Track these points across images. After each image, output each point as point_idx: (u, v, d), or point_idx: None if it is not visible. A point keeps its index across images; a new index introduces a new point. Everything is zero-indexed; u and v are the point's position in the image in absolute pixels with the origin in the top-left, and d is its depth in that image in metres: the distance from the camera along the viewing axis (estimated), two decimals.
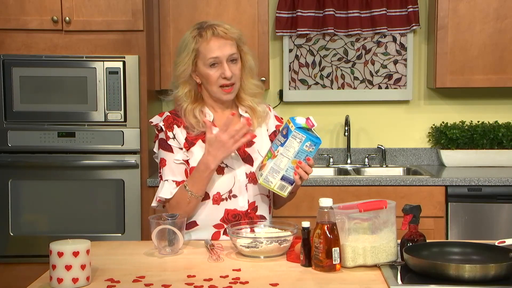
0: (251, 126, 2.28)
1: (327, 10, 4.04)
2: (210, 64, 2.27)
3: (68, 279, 1.78)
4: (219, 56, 2.27)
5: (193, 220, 2.34)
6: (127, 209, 3.63)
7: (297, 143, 2.13)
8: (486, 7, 3.87)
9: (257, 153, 2.36)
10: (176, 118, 2.35)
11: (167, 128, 2.33)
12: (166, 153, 2.33)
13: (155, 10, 3.86)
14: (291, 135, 2.12)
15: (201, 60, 2.28)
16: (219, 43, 2.27)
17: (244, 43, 2.35)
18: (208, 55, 2.27)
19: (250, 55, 2.36)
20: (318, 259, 1.93)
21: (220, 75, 2.28)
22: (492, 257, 1.89)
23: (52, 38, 3.63)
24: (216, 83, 2.29)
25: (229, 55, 2.28)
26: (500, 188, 3.61)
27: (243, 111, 2.38)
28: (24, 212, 3.64)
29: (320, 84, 4.21)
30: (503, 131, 4.01)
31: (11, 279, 3.63)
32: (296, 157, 2.14)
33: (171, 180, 2.31)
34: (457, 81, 3.91)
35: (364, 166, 4.18)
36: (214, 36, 2.27)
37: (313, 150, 2.15)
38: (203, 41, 2.27)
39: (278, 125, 2.46)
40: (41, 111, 3.60)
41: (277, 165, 2.15)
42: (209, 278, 1.87)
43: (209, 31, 2.28)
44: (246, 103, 2.38)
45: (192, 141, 2.32)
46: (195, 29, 2.33)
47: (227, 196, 2.31)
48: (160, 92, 3.99)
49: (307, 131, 2.13)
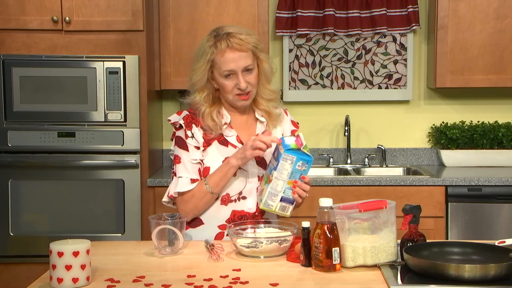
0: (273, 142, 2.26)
1: (327, 10, 4.04)
2: (225, 76, 2.27)
3: (68, 279, 1.78)
4: (234, 69, 2.26)
5: (198, 218, 2.35)
6: (127, 209, 3.63)
7: (289, 165, 2.15)
8: (486, 7, 3.87)
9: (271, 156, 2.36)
10: (194, 117, 2.36)
11: (186, 127, 2.34)
12: (181, 151, 2.34)
13: (155, 10, 3.86)
14: (282, 158, 2.14)
15: (217, 70, 2.28)
16: (234, 56, 2.25)
17: (261, 51, 2.33)
18: (223, 67, 2.26)
19: (266, 62, 2.34)
20: (318, 259, 1.93)
21: (235, 85, 2.28)
22: (492, 257, 1.89)
23: (52, 38, 3.63)
24: (231, 92, 2.30)
25: (244, 67, 2.27)
26: (500, 188, 3.61)
27: (259, 114, 2.39)
28: (24, 212, 3.64)
29: (320, 84, 4.21)
30: (503, 131, 4.01)
31: (11, 279, 3.63)
32: (291, 177, 2.17)
33: (185, 177, 2.31)
34: (457, 81, 3.91)
35: (364, 166, 4.18)
36: (229, 48, 2.25)
37: (306, 168, 2.18)
38: (218, 52, 2.26)
39: (293, 130, 2.46)
40: (41, 111, 3.60)
41: (274, 188, 2.17)
42: (209, 278, 1.87)
43: (223, 42, 2.25)
44: (262, 107, 2.38)
45: (208, 141, 2.33)
46: (211, 36, 2.31)
47: (236, 197, 2.33)
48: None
49: (297, 151, 2.15)
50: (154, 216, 2.19)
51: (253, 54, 2.29)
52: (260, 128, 2.39)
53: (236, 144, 2.34)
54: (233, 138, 2.35)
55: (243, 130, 2.38)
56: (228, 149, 2.33)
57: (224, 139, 2.34)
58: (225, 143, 2.34)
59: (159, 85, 3.90)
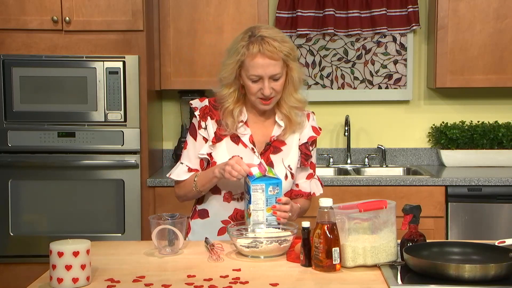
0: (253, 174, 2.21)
1: (327, 10, 4.04)
2: (251, 80, 2.26)
3: (68, 279, 1.78)
4: (261, 75, 2.23)
5: (205, 209, 2.39)
6: (127, 209, 3.63)
7: (261, 194, 2.17)
8: (486, 7, 3.87)
9: (281, 162, 2.35)
10: (212, 109, 2.37)
11: (201, 118, 2.36)
12: (191, 138, 2.38)
13: (155, 10, 3.86)
14: (252, 190, 2.17)
15: (244, 72, 2.26)
16: (264, 62, 2.22)
17: (293, 59, 2.28)
18: (251, 71, 2.23)
19: (296, 71, 2.30)
20: (318, 259, 1.93)
21: (259, 89, 2.26)
22: (492, 257, 1.89)
23: (52, 38, 3.63)
24: (255, 95, 2.28)
25: (272, 75, 2.24)
26: (500, 188, 3.61)
27: (279, 118, 2.35)
28: (24, 212, 3.64)
29: (320, 84, 4.21)
30: (503, 131, 4.01)
31: (11, 279, 3.63)
32: (268, 205, 2.18)
33: (185, 165, 2.37)
34: (457, 81, 3.91)
35: (364, 166, 4.18)
36: (260, 53, 2.21)
37: (279, 190, 2.20)
38: (249, 55, 2.22)
39: (312, 136, 2.41)
40: (41, 111, 3.60)
41: (256, 220, 2.18)
42: (209, 278, 1.87)
43: (256, 46, 2.21)
44: (284, 111, 2.34)
45: (219, 137, 2.34)
46: (246, 36, 2.26)
47: (239, 196, 2.34)
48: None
49: (263, 178, 2.18)
50: (154, 216, 2.19)
51: (284, 62, 2.26)
52: (276, 131, 2.36)
53: (247, 144, 2.33)
54: (246, 137, 2.34)
55: (259, 130, 2.37)
56: (238, 147, 2.33)
57: (237, 136, 2.33)
58: (236, 141, 2.34)
59: (159, 85, 3.90)
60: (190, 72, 3.88)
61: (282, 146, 2.36)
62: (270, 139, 2.35)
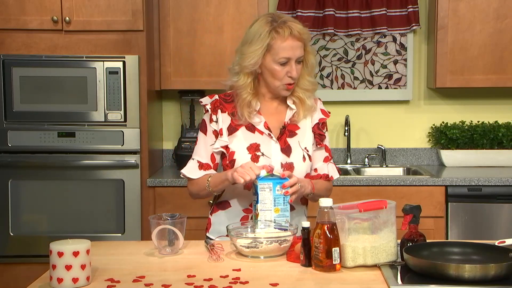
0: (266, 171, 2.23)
1: (327, 10, 4.04)
2: (280, 63, 2.28)
3: (68, 279, 1.78)
4: (291, 57, 2.27)
5: (226, 201, 2.40)
6: (127, 209, 3.63)
7: (268, 193, 2.18)
8: (486, 7, 3.87)
9: (297, 145, 2.38)
10: (223, 103, 2.38)
11: (212, 111, 2.38)
12: (201, 133, 2.41)
13: (155, 10, 3.86)
14: (259, 189, 2.17)
15: (271, 56, 2.28)
16: (293, 44, 2.26)
17: (309, 43, 2.36)
18: (280, 53, 2.26)
19: (313, 55, 2.37)
20: (318, 259, 1.93)
21: (286, 73, 2.29)
22: (492, 257, 1.89)
23: (52, 38, 3.63)
24: (281, 80, 2.31)
25: (298, 57, 2.29)
26: (500, 188, 3.61)
27: (291, 102, 2.39)
28: (24, 212, 3.64)
29: (320, 84, 4.21)
30: (503, 131, 4.01)
31: (11, 279, 3.63)
32: (276, 205, 2.19)
33: (196, 160, 2.39)
34: (457, 81, 3.91)
35: (364, 166, 4.18)
36: (291, 36, 2.26)
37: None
38: (279, 38, 2.26)
39: (322, 118, 2.47)
40: (41, 111, 3.60)
41: (263, 221, 2.19)
42: (209, 278, 1.87)
43: (286, 29, 2.25)
44: (297, 94, 2.38)
45: (235, 127, 2.35)
46: (268, 22, 2.28)
47: None
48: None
49: (271, 178, 2.18)
50: (154, 216, 2.19)
51: (304, 46, 2.32)
52: (289, 115, 2.39)
53: (263, 130, 2.35)
54: (261, 124, 2.36)
55: (272, 116, 2.39)
56: (254, 135, 2.35)
57: (251, 125, 2.36)
58: (252, 129, 2.36)
59: (159, 85, 3.90)
60: (190, 72, 3.88)
61: (297, 130, 2.40)
62: (284, 123, 2.39)
